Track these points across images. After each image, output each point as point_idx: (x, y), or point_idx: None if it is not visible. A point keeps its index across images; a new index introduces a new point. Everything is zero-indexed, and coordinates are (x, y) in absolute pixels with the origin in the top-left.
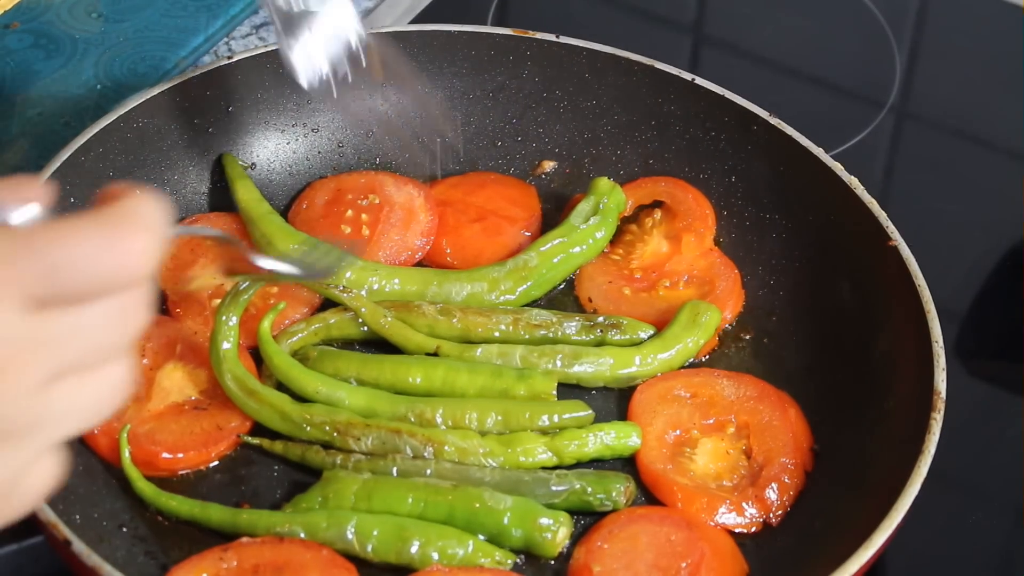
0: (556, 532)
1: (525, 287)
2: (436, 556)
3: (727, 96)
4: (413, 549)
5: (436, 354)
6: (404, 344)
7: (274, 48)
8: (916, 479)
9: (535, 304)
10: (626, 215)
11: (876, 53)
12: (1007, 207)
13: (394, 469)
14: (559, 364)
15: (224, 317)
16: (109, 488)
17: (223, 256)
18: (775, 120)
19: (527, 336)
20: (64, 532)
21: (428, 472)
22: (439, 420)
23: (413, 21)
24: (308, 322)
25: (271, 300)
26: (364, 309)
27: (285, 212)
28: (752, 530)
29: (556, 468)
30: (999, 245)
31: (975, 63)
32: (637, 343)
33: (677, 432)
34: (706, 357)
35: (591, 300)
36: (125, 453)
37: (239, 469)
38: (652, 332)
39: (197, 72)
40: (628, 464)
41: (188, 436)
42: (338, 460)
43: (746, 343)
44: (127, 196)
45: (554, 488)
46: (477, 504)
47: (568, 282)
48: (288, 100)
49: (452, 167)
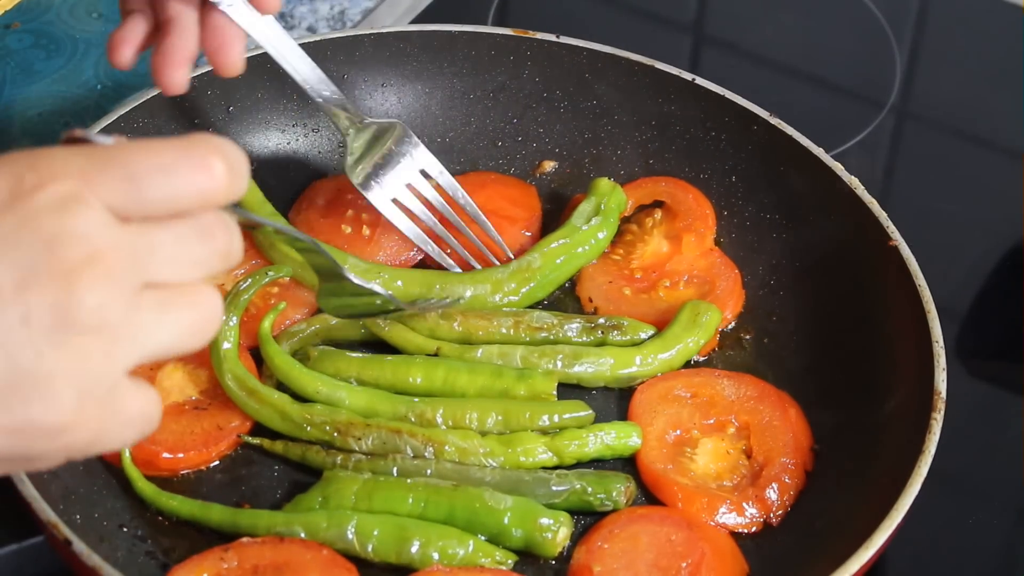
0: (556, 532)
1: (528, 288)
2: (436, 556)
3: (727, 96)
4: (413, 549)
5: (436, 355)
6: (404, 346)
7: None
8: (916, 479)
9: (538, 305)
10: (626, 215)
11: (876, 53)
12: (1007, 207)
13: (394, 469)
14: (559, 364)
15: (224, 317)
16: (109, 488)
17: (319, 278)
18: (775, 120)
19: (528, 338)
20: (64, 532)
21: (428, 472)
22: (439, 420)
23: (413, 21)
24: (308, 322)
25: (271, 300)
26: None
27: (285, 212)
28: (752, 530)
29: (556, 468)
30: (999, 245)
31: (975, 63)
32: (638, 343)
33: (677, 432)
34: (706, 357)
35: (591, 300)
36: (126, 453)
37: (239, 469)
38: (652, 332)
39: (198, 72)
40: (628, 464)
41: (189, 436)
42: (338, 460)
43: (746, 343)
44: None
45: (554, 488)
46: (477, 504)
47: (569, 282)
48: (288, 100)
49: (453, 167)
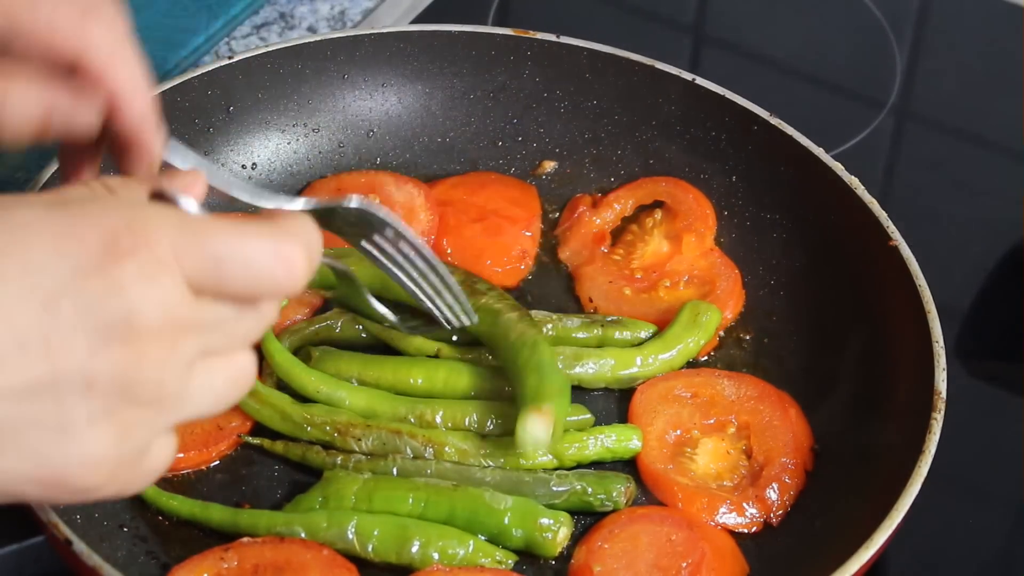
0: (557, 532)
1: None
2: (437, 556)
3: (727, 96)
4: (414, 549)
5: (437, 357)
6: (405, 348)
7: (274, 48)
8: (916, 479)
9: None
10: (627, 215)
11: (876, 53)
12: (1007, 207)
13: (394, 469)
14: (560, 365)
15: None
16: None
17: (339, 284)
18: (775, 120)
19: None
20: (65, 532)
21: (428, 472)
22: (439, 421)
23: (414, 21)
24: (309, 322)
25: None
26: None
27: None
28: (753, 530)
29: (556, 469)
30: (999, 245)
31: (975, 63)
32: (638, 342)
33: (678, 432)
34: (707, 357)
35: (592, 300)
36: None
37: (240, 469)
38: (653, 330)
39: (197, 72)
40: (629, 464)
41: (189, 436)
42: (339, 460)
43: (747, 343)
44: (290, 215)
45: (555, 488)
46: (478, 504)
47: (569, 282)
48: (288, 100)
49: (453, 167)
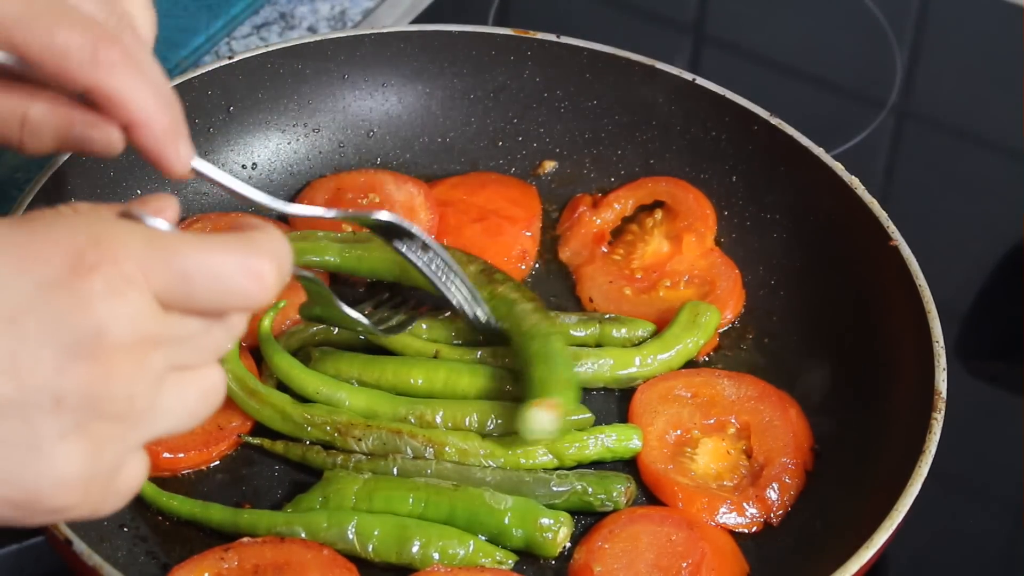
0: (557, 532)
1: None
2: (437, 556)
3: (727, 96)
4: (414, 549)
5: (436, 357)
6: (404, 350)
7: (274, 48)
8: (916, 479)
9: None
10: (627, 215)
11: (876, 53)
12: (1007, 207)
13: (395, 469)
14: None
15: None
16: None
17: (309, 297)
18: (775, 120)
19: None
20: (65, 532)
21: (429, 472)
22: (439, 421)
23: (414, 21)
24: (308, 324)
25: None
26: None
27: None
28: (753, 530)
29: (557, 469)
30: (999, 245)
31: (975, 63)
32: (636, 341)
33: (678, 432)
34: (707, 357)
35: (592, 300)
36: None
37: (240, 469)
38: (652, 329)
39: (198, 72)
40: (629, 464)
41: (189, 436)
42: (339, 460)
43: (747, 343)
44: (260, 226)
45: (555, 488)
46: (478, 504)
47: (569, 282)
48: (288, 100)
49: (453, 167)
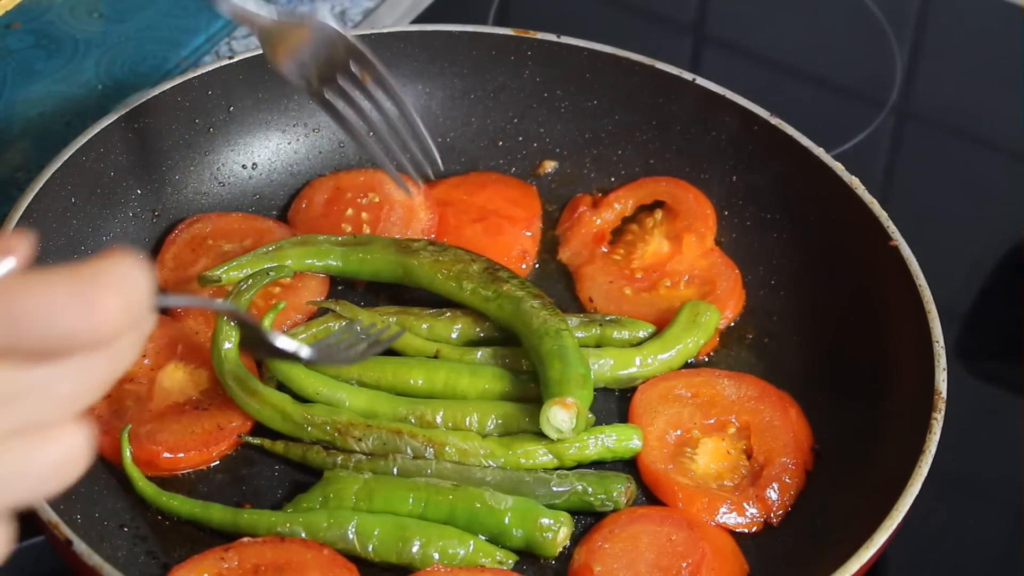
0: (557, 532)
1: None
2: (437, 556)
3: (727, 96)
4: (414, 549)
5: (436, 357)
6: (404, 350)
7: None
8: (916, 479)
9: None
10: (627, 215)
11: (877, 53)
12: (1007, 207)
13: (395, 469)
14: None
15: (225, 317)
16: (110, 488)
17: (242, 332)
18: (775, 120)
19: None
20: (65, 532)
21: (429, 472)
22: (439, 421)
23: (414, 21)
24: (307, 325)
25: (272, 300)
26: (360, 319)
27: (285, 212)
28: (753, 530)
29: (557, 469)
30: (999, 245)
31: (975, 63)
32: (637, 342)
33: (678, 432)
34: (707, 357)
35: (592, 300)
36: (126, 453)
37: (240, 469)
38: (652, 330)
39: (198, 72)
40: (629, 464)
41: (189, 436)
42: (339, 460)
43: (747, 343)
44: (109, 256)
45: (555, 488)
46: (478, 504)
47: (569, 282)
48: (289, 100)
49: (453, 167)
